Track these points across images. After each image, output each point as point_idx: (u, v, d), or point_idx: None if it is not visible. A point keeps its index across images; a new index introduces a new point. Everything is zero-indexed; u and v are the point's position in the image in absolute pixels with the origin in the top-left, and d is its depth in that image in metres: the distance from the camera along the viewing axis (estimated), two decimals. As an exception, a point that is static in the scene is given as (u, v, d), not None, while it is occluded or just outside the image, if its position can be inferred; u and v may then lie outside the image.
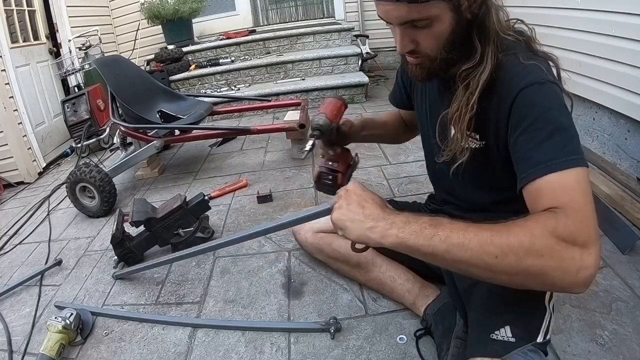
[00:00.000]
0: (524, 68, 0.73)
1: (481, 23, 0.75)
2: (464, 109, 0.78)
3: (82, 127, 3.08)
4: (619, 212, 1.54)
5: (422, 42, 0.76)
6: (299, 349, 1.17)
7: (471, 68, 0.77)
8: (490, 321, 0.77)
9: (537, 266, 0.59)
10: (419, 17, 0.71)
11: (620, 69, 1.77)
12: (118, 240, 1.59)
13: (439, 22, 0.72)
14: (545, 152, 0.67)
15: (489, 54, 0.75)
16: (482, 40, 0.76)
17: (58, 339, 1.22)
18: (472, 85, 0.76)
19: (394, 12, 0.72)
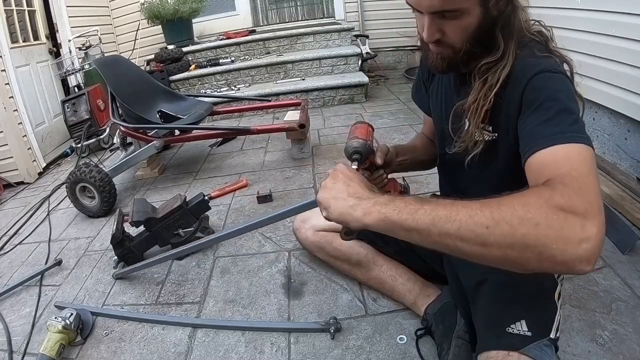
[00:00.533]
0: (538, 59, 0.75)
1: (506, 20, 0.77)
2: (481, 102, 0.79)
3: (82, 127, 3.08)
4: (619, 212, 1.54)
5: (449, 32, 0.77)
6: (299, 349, 1.17)
7: (492, 62, 0.79)
8: (505, 315, 0.77)
9: (534, 235, 0.52)
10: (450, 8, 0.72)
11: (620, 69, 1.77)
12: (118, 240, 1.59)
13: (467, 14, 0.73)
14: (552, 127, 0.66)
15: (510, 51, 0.77)
16: (505, 36, 0.77)
17: (58, 339, 1.22)
18: (492, 79, 0.78)
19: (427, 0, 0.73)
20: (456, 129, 0.90)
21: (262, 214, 1.93)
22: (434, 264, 1.18)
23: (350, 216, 0.67)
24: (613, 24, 1.77)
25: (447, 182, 1.13)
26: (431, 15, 0.75)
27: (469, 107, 0.82)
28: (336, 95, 3.61)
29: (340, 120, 3.18)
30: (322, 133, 2.94)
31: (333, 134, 2.90)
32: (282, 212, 1.00)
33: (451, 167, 1.04)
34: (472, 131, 0.83)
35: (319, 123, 3.16)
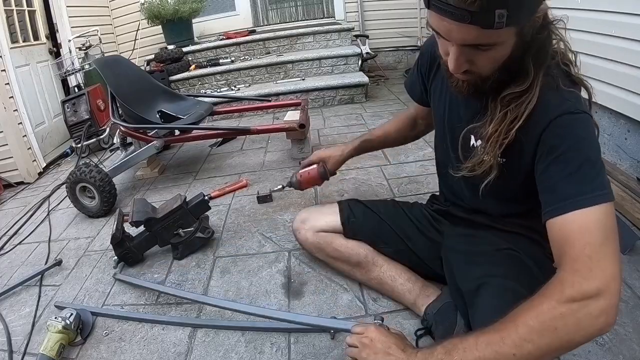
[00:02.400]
0: (561, 95, 0.72)
1: (540, 47, 0.73)
2: (502, 135, 0.76)
3: (82, 127, 3.08)
4: (619, 212, 1.54)
5: (479, 63, 0.72)
6: (299, 349, 1.17)
7: (516, 93, 0.75)
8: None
9: (556, 340, 0.59)
10: (485, 42, 0.66)
11: (620, 69, 1.77)
12: (118, 240, 1.59)
13: (502, 46, 0.68)
14: (573, 185, 0.68)
15: (538, 81, 0.73)
16: (536, 64, 0.73)
17: (58, 339, 1.22)
18: (516, 111, 0.74)
19: (459, 33, 0.66)
20: (466, 153, 0.88)
21: (262, 214, 1.93)
22: (434, 264, 1.18)
23: None
24: (613, 24, 1.77)
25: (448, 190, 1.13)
26: (461, 46, 0.69)
27: (488, 137, 0.79)
28: (336, 95, 3.61)
29: (340, 121, 3.18)
30: (322, 133, 2.94)
31: (333, 134, 2.90)
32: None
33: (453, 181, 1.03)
34: (487, 161, 0.80)
35: (319, 123, 3.16)
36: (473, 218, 1.04)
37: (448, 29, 0.67)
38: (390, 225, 1.21)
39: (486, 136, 0.79)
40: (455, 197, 1.09)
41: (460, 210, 1.09)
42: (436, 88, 1.03)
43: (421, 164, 2.22)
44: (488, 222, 0.99)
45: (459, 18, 0.63)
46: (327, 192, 2.04)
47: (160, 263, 1.66)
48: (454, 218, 1.12)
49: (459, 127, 0.93)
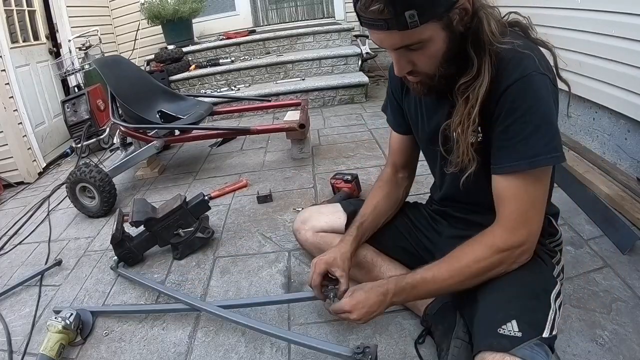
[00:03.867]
0: (515, 61, 0.75)
1: (475, 35, 0.76)
2: (466, 122, 0.79)
3: (82, 127, 3.09)
4: (619, 212, 1.54)
5: (419, 62, 0.78)
6: (299, 349, 1.17)
7: (469, 81, 0.78)
8: (497, 316, 0.77)
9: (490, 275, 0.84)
10: (411, 42, 0.73)
11: (620, 69, 1.77)
12: (118, 240, 1.59)
13: (432, 42, 0.73)
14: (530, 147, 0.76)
15: (485, 66, 0.76)
16: (477, 51, 0.76)
17: (58, 339, 1.22)
18: (472, 98, 0.78)
19: (387, 39, 0.74)
20: (449, 149, 0.90)
21: (262, 214, 1.93)
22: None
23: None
24: (613, 24, 1.77)
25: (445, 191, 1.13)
26: (396, 51, 0.76)
27: (455, 129, 0.82)
28: (336, 95, 3.61)
29: (340, 121, 3.18)
30: (322, 133, 2.94)
31: (333, 134, 2.90)
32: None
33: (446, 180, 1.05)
34: (464, 151, 0.83)
35: (319, 123, 3.16)
36: (471, 218, 1.04)
37: (379, 39, 0.75)
38: (390, 225, 1.21)
39: (455, 127, 0.82)
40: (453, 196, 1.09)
41: (458, 210, 1.09)
42: (410, 105, 1.05)
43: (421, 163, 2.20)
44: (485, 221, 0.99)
45: (379, 27, 0.71)
46: (327, 193, 2.04)
47: (160, 263, 1.66)
48: (452, 219, 1.13)
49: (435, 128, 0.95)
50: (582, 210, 1.64)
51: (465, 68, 0.78)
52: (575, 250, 1.43)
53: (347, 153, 2.50)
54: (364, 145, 2.59)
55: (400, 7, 0.67)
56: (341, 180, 1.89)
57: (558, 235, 1.00)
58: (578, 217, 1.61)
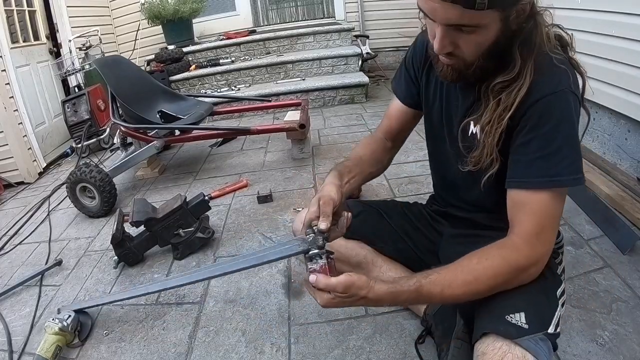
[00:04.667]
0: (550, 75, 0.74)
1: (527, 37, 0.73)
2: (495, 124, 0.77)
3: (83, 127, 3.09)
4: (619, 212, 1.54)
5: (463, 46, 0.73)
6: (299, 349, 1.17)
7: (507, 82, 0.75)
8: (506, 305, 0.78)
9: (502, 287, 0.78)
10: (468, 23, 0.68)
11: (620, 69, 1.77)
12: (118, 240, 1.59)
13: (485, 29, 0.69)
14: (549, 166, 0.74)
15: (528, 71, 0.73)
16: (523, 54, 0.74)
17: (54, 340, 1.22)
18: (507, 100, 0.75)
19: (443, 12, 0.67)
20: (467, 146, 0.88)
21: (262, 214, 1.93)
22: (433, 264, 1.17)
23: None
24: (613, 24, 1.77)
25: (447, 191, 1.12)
26: (445, 27, 0.70)
27: (482, 128, 0.80)
28: (336, 95, 3.61)
29: (341, 121, 3.18)
30: (323, 133, 2.94)
31: (333, 134, 2.90)
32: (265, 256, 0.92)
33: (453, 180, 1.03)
34: (487, 152, 0.80)
35: (319, 123, 3.16)
36: (474, 217, 1.03)
37: (433, 8, 0.68)
38: (390, 224, 1.21)
39: (483, 126, 0.80)
40: (454, 197, 1.09)
41: (460, 210, 1.09)
42: (430, 83, 1.01)
43: (421, 164, 2.22)
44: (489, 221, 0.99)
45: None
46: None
47: (160, 263, 1.66)
48: (453, 219, 1.12)
49: (456, 119, 0.93)
50: (583, 210, 1.64)
51: (504, 67, 0.75)
52: (575, 250, 1.43)
53: (347, 153, 2.49)
54: (364, 145, 2.59)
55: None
56: None
57: (560, 237, 1.00)
58: (578, 217, 1.61)
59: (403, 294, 0.77)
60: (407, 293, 0.77)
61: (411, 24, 4.42)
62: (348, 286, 0.74)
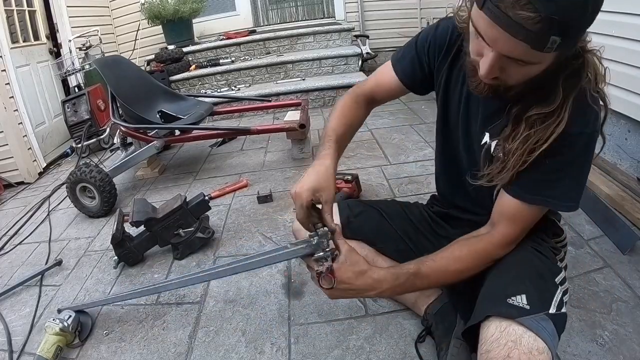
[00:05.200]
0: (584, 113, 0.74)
1: (572, 74, 0.73)
2: (525, 155, 0.77)
3: (83, 127, 3.09)
4: (619, 212, 1.54)
5: (510, 73, 0.71)
6: (299, 349, 1.17)
7: (543, 114, 0.74)
8: (507, 288, 0.79)
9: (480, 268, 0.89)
10: (528, 60, 0.65)
11: (620, 69, 1.77)
12: (118, 240, 1.59)
13: (539, 65, 0.67)
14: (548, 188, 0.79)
15: (566, 108, 0.72)
16: (566, 89, 0.72)
17: (55, 341, 1.22)
18: (542, 134, 0.74)
19: (505, 44, 0.64)
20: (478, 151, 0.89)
21: (262, 214, 1.93)
22: None
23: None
24: (613, 24, 1.77)
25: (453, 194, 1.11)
26: (500, 55, 0.67)
27: (512, 153, 0.78)
28: (336, 95, 3.61)
29: (341, 121, 3.17)
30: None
31: (333, 134, 2.89)
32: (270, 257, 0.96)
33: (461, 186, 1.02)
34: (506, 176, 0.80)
35: (319, 123, 3.16)
36: (476, 219, 1.03)
37: (495, 37, 0.64)
38: (390, 225, 1.21)
39: (509, 152, 0.79)
40: (460, 197, 1.08)
41: (462, 212, 1.08)
42: (450, 77, 0.97)
43: (421, 164, 2.22)
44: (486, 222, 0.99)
45: (513, 32, 0.61)
46: (327, 192, 2.03)
47: (160, 263, 1.66)
48: (456, 220, 1.12)
49: (475, 124, 0.92)
50: (583, 210, 1.64)
51: (544, 97, 0.74)
52: (575, 250, 1.43)
53: (347, 153, 2.50)
54: (364, 145, 2.59)
55: (554, 30, 0.59)
56: (341, 181, 1.89)
57: (563, 235, 1.01)
58: (578, 217, 1.61)
59: (402, 275, 0.87)
60: (406, 275, 0.87)
61: (411, 24, 4.43)
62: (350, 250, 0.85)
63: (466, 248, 0.88)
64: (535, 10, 0.58)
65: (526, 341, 0.70)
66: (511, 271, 0.85)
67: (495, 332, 0.73)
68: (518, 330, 0.71)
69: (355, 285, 0.84)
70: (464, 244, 0.89)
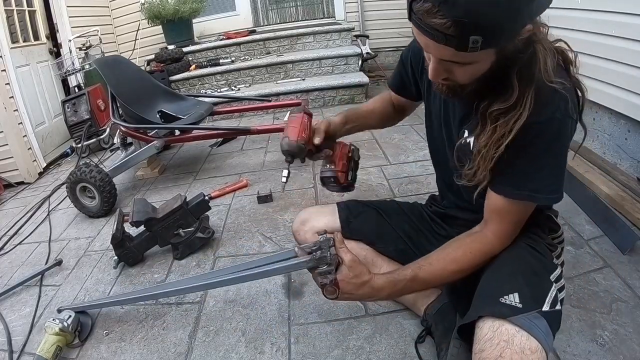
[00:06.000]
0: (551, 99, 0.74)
1: (524, 66, 0.73)
2: (492, 150, 0.78)
3: (83, 127, 3.09)
4: (619, 212, 1.54)
5: (457, 74, 0.74)
6: (299, 349, 1.17)
7: (504, 109, 0.76)
8: (500, 287, 0.80)
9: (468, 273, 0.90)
10: (461, 61, 0.69)
11: (620, 69, 1.77)
12: (118, 240, 1.59)
13: (479, 63, 0.70)
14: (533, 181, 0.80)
15: (527, 100, 0.73)
16: (521, 82, 0.73)
17: (55, 341, 1.22)
18: (504, 128, 0.76)
19: (435, 49, 0.68)
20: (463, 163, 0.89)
21: (262, 214, 1.93)
22: None
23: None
24: (613, 24, 1.77)
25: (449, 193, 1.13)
26: (439, 59, 0.71)
27: (479, 151, 0.80)
28: (336, 95, 3.61)
29: (341, 121, 3.17)
30: (322, 133, 2.94)
31: (333, 134, 2.89)
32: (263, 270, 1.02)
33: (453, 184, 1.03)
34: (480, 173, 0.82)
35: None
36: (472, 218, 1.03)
37: (426, 44, 0.70)
38: (390, 225, 1.21)
39: (478, 151, 0.81)
40: (455, 196, 1.09)
41: (460, 211, 1.09)
42: (430, 84, 1.01)
43: (421, 164, 2.22)
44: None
45: (434, 38, 0.65)
46: (327, 193, 2.03)
47: (160, 263, 1.66)
48: (453, 220, 1.12)
49: (454, 124, 0.95)
50: (583, 210, 1.64)
51: (501, 92, 0.75)
52: (575, 250, 1.43)
53: (347, 153, 2.50)
54: (364, 145, 2.59)
55: (468, 30, 0.62)
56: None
57: (560, 231, 1.01)
58: (578, 217, 1.61)
59: (400, 282, 0.89)
60: (404, 282, 0.89)
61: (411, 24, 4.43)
62: (354, 260, 0.87)
63: (461, 249, 0.89)
64: (443, 16, 0.62)
65: (518, 340, 0.70)
66: (504, 269, 0.85)
67: (489, 332, 0.73)
68: (510, 329, 0.71)
69: (356, 294, 0.89)
70: (459, 245, 0.91)
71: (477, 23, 0.61)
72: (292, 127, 1.01)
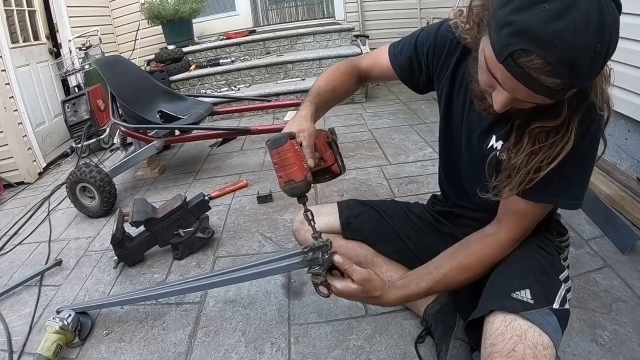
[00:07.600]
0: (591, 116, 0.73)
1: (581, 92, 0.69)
2: (532, 173, 0.76)
3: (82, 127, 3.09)
4: (619, 212, 1.54)
5: (522, 105, 0.70)
6: (299, 349, 1.17)
7: (546, 128, 0.73)
8: (512, 283, 0.80)
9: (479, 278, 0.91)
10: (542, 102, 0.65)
11: (620, 69, 1.77)
12: (118, 240, 1.59)
13: None
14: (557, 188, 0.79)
15: (574, 123, 0.71)
16: (571, 105, 0.70)
17: (55, 339, 1.22)
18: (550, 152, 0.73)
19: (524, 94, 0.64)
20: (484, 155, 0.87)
21: (262, 214, 1.93)
22: None
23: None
24: (613, 24, 1.77)
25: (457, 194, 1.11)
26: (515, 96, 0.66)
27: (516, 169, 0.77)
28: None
29: (341, 121, 3.18)
30: (322, 133, 2.93)
31: (333, 134, 2.89)
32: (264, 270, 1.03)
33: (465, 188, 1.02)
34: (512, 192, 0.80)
35: (319, 123, 3.10)
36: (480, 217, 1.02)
37: (514, 88, 0.64)
38: (390, 225, 1.20)
39: (513, 168, 0.78)
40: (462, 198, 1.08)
41: (467, 210, 1.08)
42: (453, 83, 0.96)
43: (421, 164, 2.22)
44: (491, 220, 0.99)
45: (534, 88, 0.61)
46: (327, 193, 2.04)
47: (160, 263, 1.66)
48: (459, 218, 1.11)
49: (478, 130, 0.91)
50: (582, 210, 1.64)
51: (547, 111, 0.71)
52: (575, 250, 1.43)
53: (347, 153, 2.50)
54: (364, 145, 2.59)
55: (574, 87, 0.61)
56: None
57: (567, 235, 1.01)
58: (578, 217, 1.61)
59: (414, 296, 0.90)
60: (418, 295, 0.90)
61: (411, 24, 4.43)
62: (365, 279, 0.85)
63: (474, 257, 0.89)
64: (559, 77, 0.59)
65: (531, 335, 0.70)
66: (515, 267, 0.85)
67: (500, 326, 0.73)
68: (523, 324, 0.71)
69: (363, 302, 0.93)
70: (470, 252, 0.90)
71: (585, 83, 0.63)
72: (289, 164, 0.85)
